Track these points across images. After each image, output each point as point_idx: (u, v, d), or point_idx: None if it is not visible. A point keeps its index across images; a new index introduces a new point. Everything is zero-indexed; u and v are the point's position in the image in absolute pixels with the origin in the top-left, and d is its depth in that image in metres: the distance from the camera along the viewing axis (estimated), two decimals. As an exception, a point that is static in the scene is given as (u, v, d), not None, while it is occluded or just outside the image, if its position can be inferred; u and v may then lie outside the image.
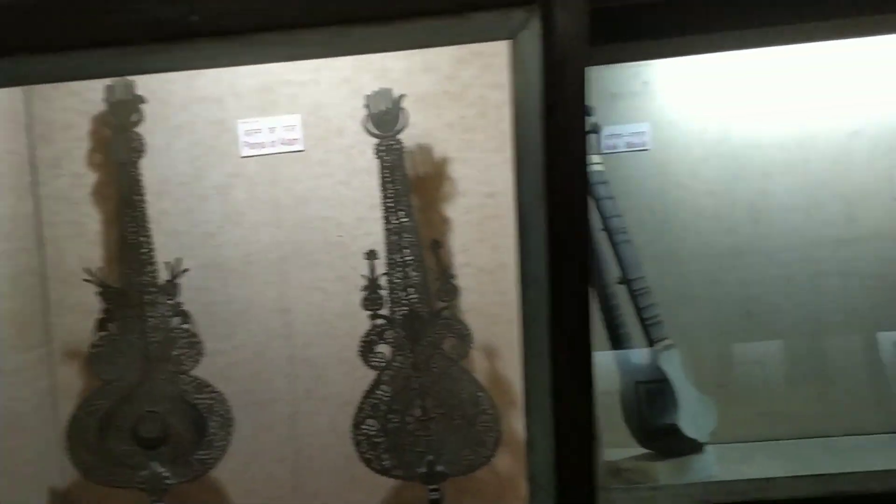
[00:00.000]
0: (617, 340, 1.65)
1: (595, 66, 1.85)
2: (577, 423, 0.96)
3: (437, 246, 1.31)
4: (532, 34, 0.93)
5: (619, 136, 1.84)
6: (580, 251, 0.89)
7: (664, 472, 1.55)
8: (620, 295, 1.68)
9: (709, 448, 1.61)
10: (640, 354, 1.62)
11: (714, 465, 1.60)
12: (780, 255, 1.81)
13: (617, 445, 1.65)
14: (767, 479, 1.40)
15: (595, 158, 1.70)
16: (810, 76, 1.81)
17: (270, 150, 1.41)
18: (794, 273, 1.81)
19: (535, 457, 1.03)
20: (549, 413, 0.95)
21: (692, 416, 1.56)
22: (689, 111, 1.83)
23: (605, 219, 1.66)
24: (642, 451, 1.65)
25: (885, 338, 1.77)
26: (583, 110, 1.02)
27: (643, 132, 1.84)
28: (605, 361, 1.74)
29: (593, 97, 1.89)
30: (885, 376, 1.77)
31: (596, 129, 1.68)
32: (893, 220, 1.79)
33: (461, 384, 1.32)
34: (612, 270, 1.68)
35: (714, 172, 1.83)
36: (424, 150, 1.40)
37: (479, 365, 1.41)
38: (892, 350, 1.77)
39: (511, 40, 1.01)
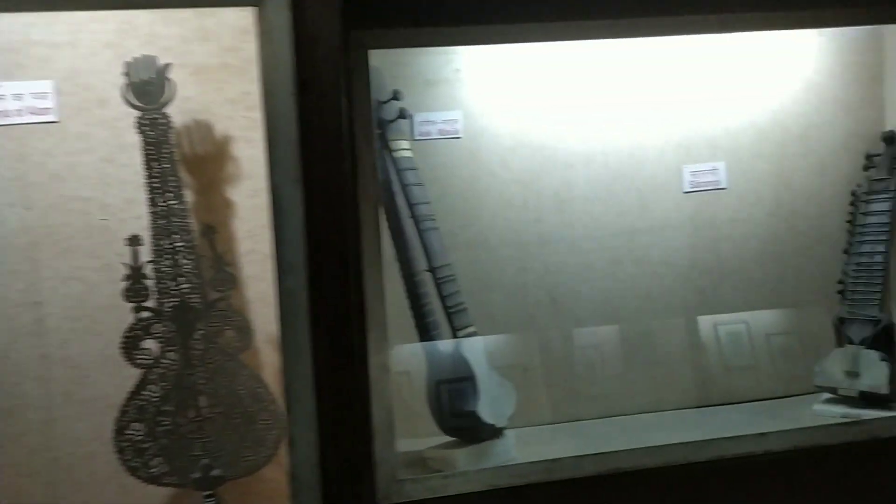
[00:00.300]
0: (424, 329, 1.64)
1: (406, 50, 1.83)
2: (341, 417, 0.91)
3: (211, 231, 1.20)
4: (280, 2, 0.86)
5: (432, 122, 1.82)
6: (340, 237, 0.84)
7: (465, 458, 1.56)
8: (429, 283, 1.68)
9: (510, 433, 1.65)
10: (444, 342, 1.61)
11: (513, 449, 1.64)
12: (581, 244, 1.90)
13: (431, 434, 1.64)
14: (553, 461, 1.45)
15: (404, 144, 1.67)
16: (609, 71, 1.89)
17: (16, 119, 1.22)
18: (594, 261, 1.90)
19: (297, 453, 0.97)
20: (312, 407, 0.90)
21: (492, 403, 1.58)
22: (499, 101, 1.85)
23: (412, 205, 1.63)
24: (449, 438, 1.66)
25: (705, 321, 1.92)
26: (339, 89, 0.96)
27: (455, 120, 1.84)
28: (410, 350, 1.73)
29: (407, 83, 1.87)
30: (689, 355, 1.91)
31: (405, 115, 1.65)
32: (681, 211, 1.93)
33: (240, 380, 1.23)
34: (421, 258, 1.66)
35: (522, 162, 1.87)
36: (203, 128, 1.28)
37: (266, 357, 1.33)
38: (713, 331, 1.92)
39: (256, 7, 0.93)
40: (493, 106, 1.85)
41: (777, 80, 1.95)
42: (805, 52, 1.96)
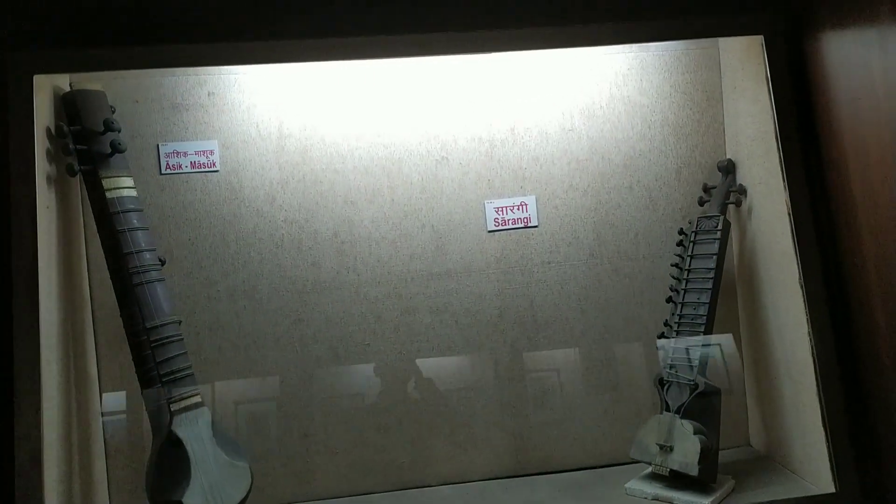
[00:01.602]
0: (152, 399, 1.40)
1: (146, 72, 1.61)
2: None
3: None
4: None
5: (182, 154, 1.60)
6: None
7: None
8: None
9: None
10: (164, 416, 1.37)
11: (251, 539, 1.39)
12: (367, 291, 1.65)
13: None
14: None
15: (125, 182, 1.43)
16: (396, 95, 1.67)
17: None
18: (384, 310, 1.65)
19: None
20: None
21: (211, 489, 1.32)
22: (264, 128, 1.62)
23: (126, 254, 1.39)
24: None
25: (519, 377, 1.66)
26: None
27: (211, 150, 1.61)
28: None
29: (149, 108, 1.64)
30: (501, 417, 1.64)
31: (119, 148, 1.42)
32: (485, 253, 1.69)
33: None
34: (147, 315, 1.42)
35: (294, 198, 1.64)
36: None
37: None
38: (527, 390, 1.65)
39: None
40: (255, 134, 1.62)
41: (593, 103, 1.72)
42: (624, 71, 1.74)
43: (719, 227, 1.61)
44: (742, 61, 1.63)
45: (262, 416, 1.61)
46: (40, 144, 1.31)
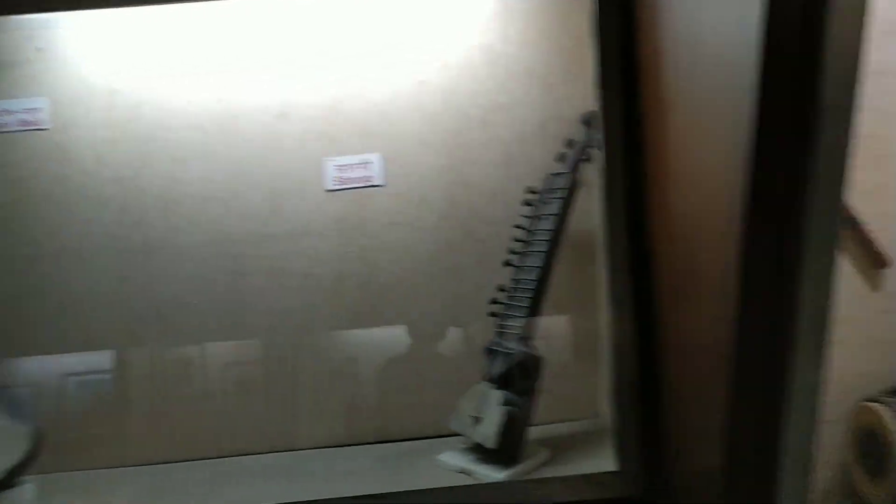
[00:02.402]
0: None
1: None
2: None
3: None
4: None
5: (9, 112, 1.57)
6: None
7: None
8: None
9: (30, 485, 1.31)
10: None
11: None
12: (195, 252, 1.56)
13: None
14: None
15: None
16: (236, 46, 1.58)
17: None
18: (212, 271, 1.56)
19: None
20: None
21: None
22: (94, 85, 1.58)
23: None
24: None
25: (355, 343, 1.55)
26: None
27: (39, 108, 1.58)
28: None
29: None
30: (333, 385, 1.52)
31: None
32: (324, 214, 1.57)
33: None
34: None
35: (122, 157, 1.57)
36: None
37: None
38: (364, 356, 1.54)
39: None
40: (87, 91, 1.58)
41: (447, 51, 1.58)
42: (487, 16, 1.59)
43: (566, 185, 1.43)
44: (597, -3, 1.45)
45: (82, 381, 1.55)
46: None
